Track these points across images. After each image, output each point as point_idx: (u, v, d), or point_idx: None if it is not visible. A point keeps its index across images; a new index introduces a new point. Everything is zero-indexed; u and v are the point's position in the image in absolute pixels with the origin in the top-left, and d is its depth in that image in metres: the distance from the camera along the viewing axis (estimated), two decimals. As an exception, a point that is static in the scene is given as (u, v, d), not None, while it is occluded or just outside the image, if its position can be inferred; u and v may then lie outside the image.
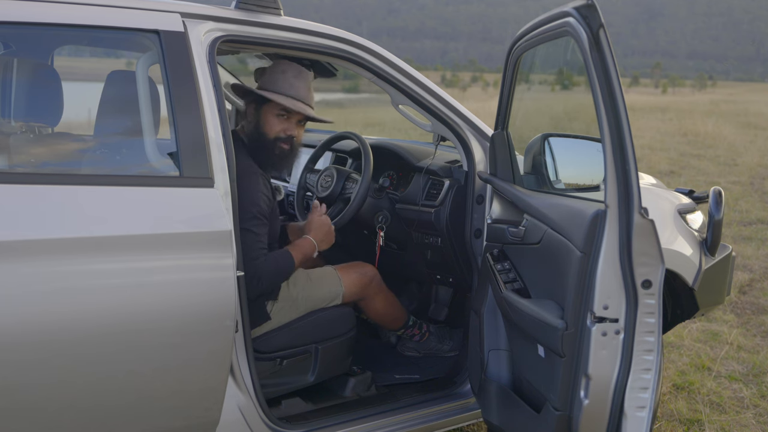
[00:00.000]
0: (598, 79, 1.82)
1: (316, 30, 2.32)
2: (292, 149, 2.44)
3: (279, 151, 2.41)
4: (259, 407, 2.14)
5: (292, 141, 2.42)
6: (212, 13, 2.12)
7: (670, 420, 3.00)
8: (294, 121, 2.41)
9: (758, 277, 5.11)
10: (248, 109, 2.46)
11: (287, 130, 2.41)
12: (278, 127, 2.40)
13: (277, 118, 2.40)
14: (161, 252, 1.82)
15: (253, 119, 2.42)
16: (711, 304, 2.81)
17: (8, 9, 1.82)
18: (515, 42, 2.41)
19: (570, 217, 2.00)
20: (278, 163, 2.43)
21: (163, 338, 1.82)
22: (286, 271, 2.34)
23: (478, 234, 2.63)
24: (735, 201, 7.90)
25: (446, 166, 2.80)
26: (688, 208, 2.82)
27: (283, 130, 2.40)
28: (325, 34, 2.33)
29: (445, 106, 2.54)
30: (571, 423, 1.91)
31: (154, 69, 2.06)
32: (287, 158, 2.44)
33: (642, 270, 1.81)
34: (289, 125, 2.41)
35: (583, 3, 1.85)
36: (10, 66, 2.27)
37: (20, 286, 1.65)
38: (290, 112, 2.40)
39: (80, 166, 2.10)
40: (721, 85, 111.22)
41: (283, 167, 2.48)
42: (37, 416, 1.73)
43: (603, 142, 1.83)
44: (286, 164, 2.47)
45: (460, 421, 2.62)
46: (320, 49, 2.33)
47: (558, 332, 1.89)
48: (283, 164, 2.45)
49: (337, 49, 2.34)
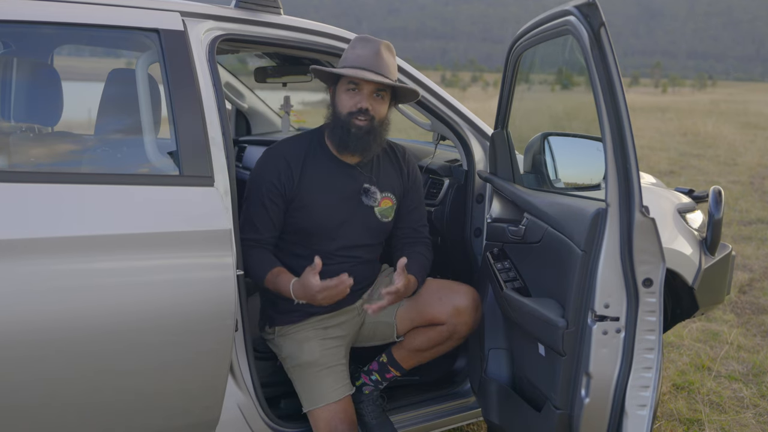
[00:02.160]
0: (599, 77, 1.82)
1: (316, 29, 2.32)
2: (371, 126, 2.19)
3: (355, 128, 2.18)
4: (258, 406, 2.14)
5: (369, 116, 2.18)
6: (212, 12, 2.12)
7: (670, 420, 3.00)
8: (366, 93, 2.17)
9: (758, 277, 5.11)
10: (329, 94, 2.30)
11: (358, 103, 2.17)
12: (349, 102, 2.19)
13: (347, 93, 2.19)
14: (161, 251, 1.82)
15: (331, 102, 2.26)
16: (711, 303, 2.81)
17: (8, 8, 1.82)
18: (515, 41, 2.41)
19: (571, 215, 2.00)
20: (357, 143, 2.20)
21: (162, 337, 1.82)
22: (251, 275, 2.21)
23: (478, 233, 2.63)
24: (735, 201, 7.90)
25: (446, 165, 2.80)
26: (688, 208, 2.82)
27: (354, 104, 2.18)
28: (325, 33, 2.33)
29: (444, 106, 2.54)
30: (571, 422, 1.91)
31: (153, 68, 2.06)
32: (366, 136, 2.19)
33: (643, 268, 1.81)
34: (361, 98, 2.17)
35: (584, 1, 1.85)
36: (9, 65, 2.27)
37: (20, 285, 1.65)
38: (358, 84, 2.18)
39: (80, 164, 2.10)
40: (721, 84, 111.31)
41: (364, 147, 2.22)
42: (37, 415, 1.73)
43: (604, 141, 1.83)
44: (366, 144, 2.21)
45: (460, 420, 2.61)
46: (320, 48, 2.32)
47: (559, 331, 1.89)
48: (362, 144, 2.20)
49: (337, 48, 2.34)
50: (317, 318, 2.29)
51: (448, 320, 2.30)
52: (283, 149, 2.29)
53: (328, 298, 2.06)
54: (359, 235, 2.30)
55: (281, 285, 2.15)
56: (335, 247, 2.27)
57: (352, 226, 2.29)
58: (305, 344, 2.26)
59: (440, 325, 2.32)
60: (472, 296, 2.34)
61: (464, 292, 2.34)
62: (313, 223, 2.25)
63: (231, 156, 2.02)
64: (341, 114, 2.20)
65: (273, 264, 2.20)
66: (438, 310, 2.31)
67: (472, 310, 2.32)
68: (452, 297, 2.32)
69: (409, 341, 2.37)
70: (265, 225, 2.22)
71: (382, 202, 2.33)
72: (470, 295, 2.34)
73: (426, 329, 2.34)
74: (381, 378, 2.42)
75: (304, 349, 2.26)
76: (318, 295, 2.05)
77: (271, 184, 2.22)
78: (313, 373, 2.24)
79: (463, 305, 2.31)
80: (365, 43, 2.20)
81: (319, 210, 2.24)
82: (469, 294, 2.34)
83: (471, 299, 2.33)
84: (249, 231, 2.21)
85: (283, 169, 2.23)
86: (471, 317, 2.33)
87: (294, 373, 2.28)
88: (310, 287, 2.05)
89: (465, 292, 2.34)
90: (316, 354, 2.25)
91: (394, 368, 2.41)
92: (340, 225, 2.27)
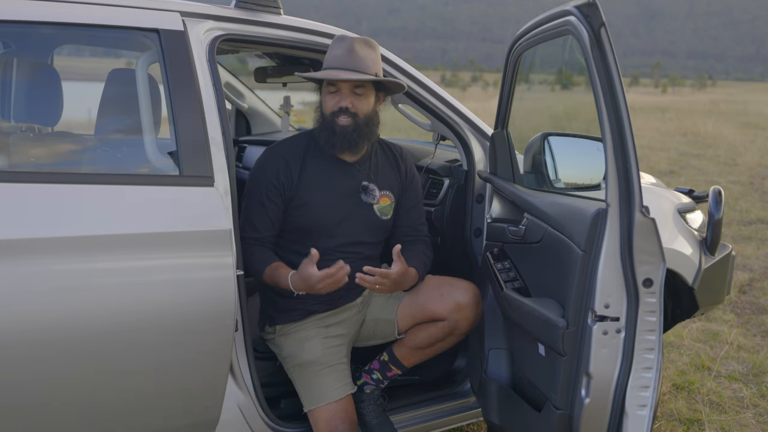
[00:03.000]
0: (599, 77, 1.82)
1: (316, 29, 2.32)
2: (356, 123, 2.21)
3: (339, 128, 2.20)
4: (258, 406, 2.14)
5: (351, 113, 2.20)
6: (212, 12, 2.12)
7: (670, 420, 3.00)
8: (345, 92, 2.20)
9: (758, 277, 5.11)
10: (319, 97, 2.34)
11: (338, 102, 2.20)
12: (330, 103, 2.22)
13: (329, 95, 2.23)
14: (161, 251, 1.81)
15: (319, 104, 2.30)
16: (711, 303, 2.81)
17: (8, 8, 1.82)
18: (516, 41, 2.41)
19: (571, 215, 2.00)
20: (342, 141, 2.21)
21: (162, 337, 1.82)
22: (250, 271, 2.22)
23: (478, 233, 2.63)
24: (735, 201, 7.90)
25: (446, 165, 2.80)
26: (688, 208, 2.82)
27: (335, 104, 2.21)
28: (325, 33, 2.33)
29: (444, 105, 2.54)
30: (572, 422, 1.91)
31: (153, 68, 2.06)
32: (351, 134, 2.21)
33: (643, 268, 1.81)
34: (340, 97, 2.20)
35: (584, 1, 1.85)
36: (9, 65, 2.27)
37: (20, 285, 1.65)
38: (336, 84, 2.21)
39: (80, 165, 2.10)
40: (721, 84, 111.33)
41: (351, 144, 2.23)
42: (37, 415, 1.73)
43: (604, 141, 1.83)
44: (352, 141, 2.22)
45: (460, 420, 2.61)
46: (320, 48, 2.32)
47: (559, 331, 1.89)
48: (348, 141, 2.22)
49: (337, 48, 2.34)
50: (318, 316, 2.29)
51: (449, 316, 2.31)
52: (282, 149, 2.30)
53: (328, 286, 2.07)
54: (358, 232, 2.31)
55: (280, 278, 2.15)
56: (335, 244, 2.27)
57: (351, 223, 2.29)
58: (306, 343, 2.26)
59: (441, 321, 2.32)
60: (473, 292, 2.34)
61: (465, 288, 2.35)
62: (313, 220, 2.26)
63: (231, 156, 2.02)
64: (326, 115, 2.24)
65: (271, 259, 2.21)
66: (439, 306, 2.32)
67: (473, 305, 2.33)
68: (453, 293, 2.33)
69: (410, 338, 2.38)
70: (264, 224, 2.24)
71: (381, 199, 2.34)
72: (471, 290, 2.35)
73: (427, 325, 2.35)
74: (382, 377, 2.43)
75: (305, 347, 2.26)
76: (318, 284, 2.05)
77: (270, 184, 2.23)
78: (314, 372, 2.24)
79: (464, 301, 2.32)
80: (340, 42, 2.23)
81: (318, 208, 2.25)
82: (470, 290, 2.35)
83: (472, 295, 2.34)
84: (248, 230, 2.22)
85: (282, 169, 2.24)
86: (472, 313, 2.33)
87: (294, 372, 2.28)
88: (309, 277, 2.06)
89: (466, 287, 2.35)
90: (317, 353, 2.25)
91: (396, 366, 2.41)
92: (339, 222, 2.27)
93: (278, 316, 2.30)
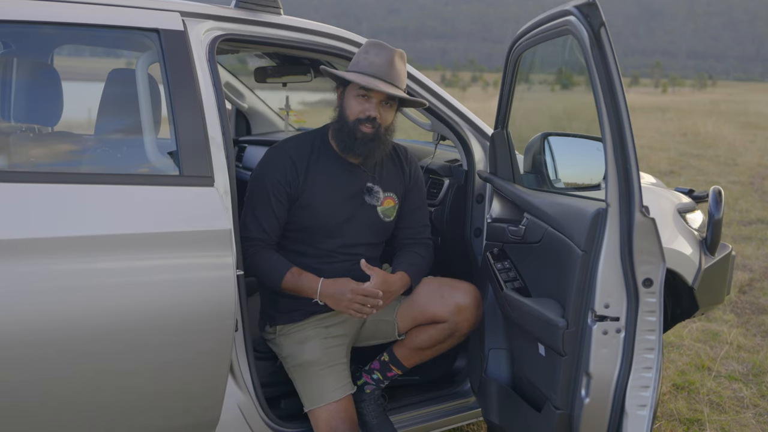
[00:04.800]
0: (599, 77, 1.82)
1: (316, 29, 2.32)
2: (377, 134, 2.21)
3: (361, 135, 2.20)
4: (258, 406, 2.14)
5: (376, 124, 2.20)
6: (212, 12, 2.12)
7: (670, 420, 3.00)
8: (375, 101, 2.19)
9: (758, 277, 5.11)
10: (337, 94, 2.32)
11: (367, 110, 2.19)
12: (357, 108, 2.20)
13: (356, 99, 2.20)
14: (161, 251, 1.81)
15: (339, 103, 2.28)
16: (711, 303, 2.81)
17: (8, 8, 1.82)
18: (515, 41, 2.41)
19: (571, 215, 2.00)
20: (362, 148, 2.22)
21: (162, 337, 1.82)
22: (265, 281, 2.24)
23: (478, 233, 2.63)
24: (735, 201, 7.90)
25: (446, 165, 2.80)
26: (688, 208, 2.82)
27: (363, 111, 2.19)
28: (325, 33, 2.33)
29: (444, 105, 2.54)
30: (572, 422, 1.91)
31: (153, 68, 2.06)
32: (371, 142, 2.21)
33: (643, 268, 1.81)
34: (369, 105, 2.19)
35: (584, 1, 1.85)
36: (9, 65, 2.27)
37: (20, 285, 1.65)
38: (369, 91, 2.19)
39: (80, 164, 2.10)
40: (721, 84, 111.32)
41: (368, 153, 2.23)
42: (37, 415, 1.73)
43: (604, 141, 1.83)
44: (370, 149, 2.22)
45: (460, 420, 2.61)
46: (320, 48, 2.32)
47: (559, 331, 1.89)
48: (367, 149, 2.22)
49: (338, 48, 2.34)
50: (318, 317, 2.29)
51: (449, 318, 2.31)
52: (288, 148, 2.29)
53: (356, 300, 2.15)
54: (361, 233, 2.31)
55: (304, 283, 2.19)
56: (337, 245, 2.27)
57: (354, 224, 2.29)
58: (306, 343, 2.26)
59: (442, 323, 2.32)
60: (473, 294, 2.34)
61: (465, 290, 2.35)
62: (316, 221, 2.26)
63: (231, 156, 2.02)
64: (348, 118, 2.21)
65: (288, 264, 2.22)
66: (439, 308, 2.31)
67: (473, 307, 2.33)
68: (454, 294, 2.33)
69: (411, 339, 2.38)
70: (271, 224, 2.23)
71: (385, 201, 2.34)
72: (471, 292, 2.34)
73: (427, 327, 2.35)
74: (382, 377, 2.43)
75: (305, 348, 2.26)
76: (348, 294, 2.15)
77: (277, 182, 2.22)
78: (314, 372, 2.24)
79: (464, 302, 2.31)
80: (379, 50, 2.21)
81: (323, 208, 2.25)
82: (471, 291, 2.35)
83: (472, 296, 2.33)
84: (254, 231, 2.21)
85: (288, 168, 2.24)
86: (473, 314, 2.33)
87: (295, 372, 2.28)
88: (345, 283, 2.16)
89: (466, 289, 2.35)
90: (317, 353, 2.25)
91: (396, 367, 2.41)
92: (343, 223, 2.27)
93: (279, 317, 2.30)
